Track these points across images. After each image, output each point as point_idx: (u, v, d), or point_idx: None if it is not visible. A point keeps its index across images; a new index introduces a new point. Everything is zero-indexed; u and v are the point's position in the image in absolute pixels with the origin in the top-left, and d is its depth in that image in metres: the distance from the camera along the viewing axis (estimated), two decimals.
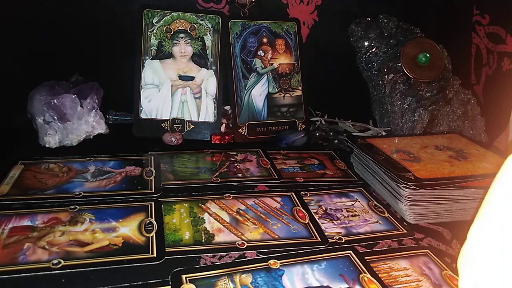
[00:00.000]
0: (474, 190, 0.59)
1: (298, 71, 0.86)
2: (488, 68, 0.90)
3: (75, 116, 0.71)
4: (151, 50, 0.79)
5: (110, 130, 0.76)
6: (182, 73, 0.80)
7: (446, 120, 0.83)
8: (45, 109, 0.69)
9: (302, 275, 0.44)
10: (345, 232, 0.53)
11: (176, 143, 0.74)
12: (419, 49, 0.85)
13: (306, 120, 0.85)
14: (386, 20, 0.89)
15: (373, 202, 0.61)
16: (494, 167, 0.62)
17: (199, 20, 0.81)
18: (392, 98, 0.85)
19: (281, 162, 0.70)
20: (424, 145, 0.70)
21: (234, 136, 0.79)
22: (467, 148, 0.70)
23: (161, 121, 0.78)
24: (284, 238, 0.50)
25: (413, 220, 0.57)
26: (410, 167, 0.61)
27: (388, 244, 0.52)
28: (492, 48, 0.89)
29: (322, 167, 0.70)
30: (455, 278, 0.46)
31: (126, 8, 0.81)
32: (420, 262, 0.48)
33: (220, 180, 0.63)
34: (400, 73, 0.85)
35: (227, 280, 0.42)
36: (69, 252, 0.45)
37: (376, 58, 0.89)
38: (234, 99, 0.80)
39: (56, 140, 0.69)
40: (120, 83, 0.78)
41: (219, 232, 0.50)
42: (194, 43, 0.80)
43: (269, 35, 0.85)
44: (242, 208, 0.56)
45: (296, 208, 0.57)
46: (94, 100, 0.73)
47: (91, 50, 0.82)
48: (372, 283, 0.43)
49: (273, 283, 0.42)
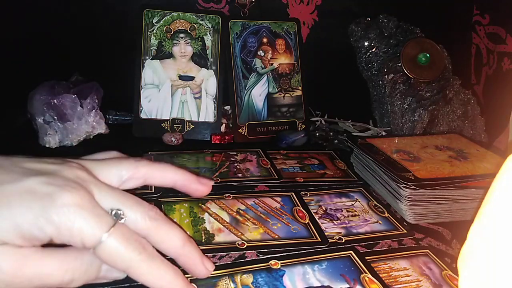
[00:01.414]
0: (474, 190, 0.59)
1: (298, 71, 0.86)
2: (488, 68, 0.90)
3: (75, 116, 0.71)
4: (151, 50, 0.79)
5: (110, 130, 0.76)
6: (182, 73, 0.80)
7: (446, 120, 0.83)
8: (45, 109, 0.69)
9: (303, 275, 0.44)
10: (345, 232, 0.53)
11: (176, 143, 0.74)
12: (419, 49, 0.85)
13: (306, 120, 0.85)
14: (386, 20, 0.89)
15: (373, 202, 0.61)
16: (494, 167, 0.62)
17: (199, 20, 0.81)
18: (392, 98, 0.85)
19: (281, 162, 0.70)
20: (424, 145, 0.70)
21: (234, 136, 0.79)
22: (467, 148, 0.70)
23: (161, 121, 0.78)
24: (284, 238, 0.50)
25: (413, 220, 0.57)
26: (410, 167, 0.61)
27: (388, 244, 0.52)
28: (492, 48, 0.89)
29: (322, 167, 0.70)
30: (455, 278, 0.46)
31: (126, 8, 0.81)
32: (420, 262, 0.48)
33: (220, 180, 0.63)
34: (400, 73, 0.85)
35: (228, 280, 0.42)
36: None
37: (376, 58, 0.89)
38: (234, 99, 0.80)
39: (56, 140, 0.69)
40: (120, 83, 0.78)
41: (219, 232, 0.50)
42: (194, 43, 0.80)
43: (269, 35, 0.85)
44: (242, 208, 0.56)
45: (296, 208, 0.57)
46: (94, 100, 0.73)
47: (91, 50, 0.82)
48: (373, 283, 0.43)
49: (274, 283, 0.42)
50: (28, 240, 0.27)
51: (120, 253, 0.29)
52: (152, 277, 0.30)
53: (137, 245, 0.30)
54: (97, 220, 0.28)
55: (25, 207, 0.27)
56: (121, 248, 0.29)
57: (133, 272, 0.30)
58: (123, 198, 0.31)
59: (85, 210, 0.28)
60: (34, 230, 0.27)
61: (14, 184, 0.28)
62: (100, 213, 0.29)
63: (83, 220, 0.28)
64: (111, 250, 0.28)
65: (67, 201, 0.27)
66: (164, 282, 0.30)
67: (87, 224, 0.28)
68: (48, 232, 0.27)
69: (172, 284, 0.31)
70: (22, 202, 0.27)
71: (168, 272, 0.31)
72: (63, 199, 0.27)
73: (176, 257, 0.34)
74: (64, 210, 0.27)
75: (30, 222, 0.26)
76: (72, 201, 0.28)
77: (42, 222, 0.27)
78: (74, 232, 0.27)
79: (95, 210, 0.29)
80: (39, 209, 0.27)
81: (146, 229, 0.31)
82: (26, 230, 0.27)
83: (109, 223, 0.29)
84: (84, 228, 0.27)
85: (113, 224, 0.29)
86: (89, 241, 0.28)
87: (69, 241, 0.28)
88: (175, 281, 0.31)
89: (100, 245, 0.28)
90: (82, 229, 0.27)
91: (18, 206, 0.27)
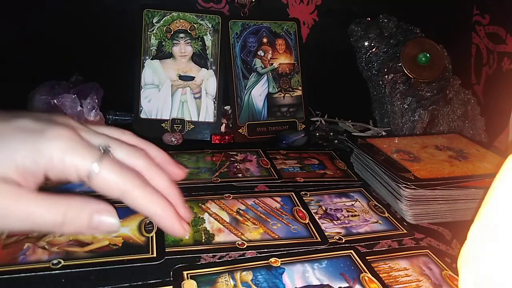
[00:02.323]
0: (474, 190, 0.59)
1: (298, 71, 0.86)
2: (488, 68, 0.90)
3: (75, 116, 0.71)
4: (151, 50, 0.79)
5: None
6: (182, 73, 0.80)
7: (446, 120, 0.83)
8: (45, 109, 0.69)
9: (303, 274, 0.44)
10: (345, 232, 0.53)
11: (176, 143, 0.74)
12: (419, 49, 0.85)
13: (306, 120, 0.85)
14: (386, 20, 0.89)
15: (373, 202, 0.61)
16: (494, 167, 0.62)
17: (199, 20, 0.81)
18: (392, 98, 0.85)
19: (281, 162, 0.70)
20: (424, 145, 0.70)
21: (234, 136, 0.79)
22: (467, 148, 0.70)
23: (161, 121, 0.78)
24: (284, 238, 0.50)
25: (413, 220, 0.57)
26: (410, 167, 0.61)
27: (388, 244, 0.52)
28: (492, 48, 0.89)
29: (322, 167, 0.70)
30: (455, 278, 0.46)
31: (126, 8, 0.81)
32: (420, 262, 0.48)
33: (220, 180, 0.63)
34: (400, 73, 0.85)
35: (228, 277, 0.42)
36: (69, 252, 0.45)
37: (376, 58, 0.89)
38: (234, 99, 0.80)
39: None
40: (120, 83, 0.78)
41: (219, 232, 0.50)
42: (194, 43, 0.80)
43: (269, 35, 0.85)
44: (242, 208, 0.56)
45: (296, 208, 0.57)
46: (94, 100, 0.73)
47: (91, 50, 0.82)
48: (373, 283, 0.43)
49: (273, 281, 0.42)
50: (24, 175, 0.28)
51: (114, 179, 0.30)
52: (146, 202, 0.31)
53: (130, 172, 0.31)
54: (88, 150, 0.29)
55: (18, 141, 0.28)
56: (114, 174, 0.30)
57: (127, 196, 0.30)
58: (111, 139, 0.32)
59: (76, 141, 0.29)
60: (28, 163, 0.28)
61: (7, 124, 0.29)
62: (90, 145, 0.30)
63: (74, 150, 0.29)
64: (105, 177, 0.29)
65: (58, 133, 0.29)
66: (157, 207, 0.31)
67: (78, 154, 0.29)
68: (41, 164, 0.28)
69: (165, 211, 0.32)
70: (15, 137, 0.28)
71: (161, 198, 0.32)
72: (53, 131, 0.29)
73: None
74: (54, 142, 0.28)
75: (23, 155, 0.28)
76: (62, 134, 0.29)
77: (35, 154, 0.28)
78: (66, 163, 0.28)
79: (83, 142, 0.30)
80: (31, 142, 0.28)
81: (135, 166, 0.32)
82: (21, 163, 0.28)
83: (98, 154, 0.30)
84: (76, 158, 0.29)
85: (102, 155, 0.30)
86: (82, 170, 0.29)
87: (63, 172, 0.29)
88: (168, 208, 0.32)
89: (95, 174, 0.29)
90: (74, 159, 0.29)
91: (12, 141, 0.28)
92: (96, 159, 0.29)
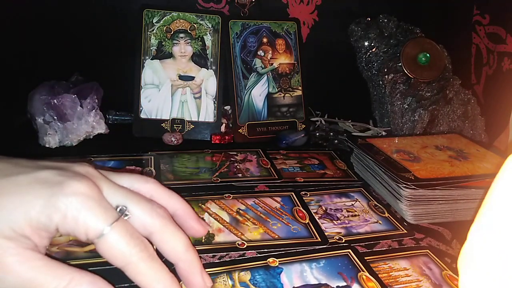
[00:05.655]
0: (474, 190, 0.59)
1: (298, 71, 0.86)
2: (488, 68, 0.90)
3: (75, 116, 0.71)
4: (151, 50, 0.79)
5: (110, 130, 0.76)
6: (182, 73, 0.80)
7: (446, 120, 0.83)
8: (45, 109, 0.69)
9: (301, 273, 0.44)
10: (345, 232, 0.53)
11: (176, 143, 0.74)
12: (419, 49, 0.85)
13: (306, 120, 0.85)
14: (386, 20, 0.89)
15: (373, 202, 0.61)
16: (494, 167, 0.62)
17: (199, 20, 0.81)
18: (392, 98, 0.85)
19: (281, 162, 0.70)
20: (424, 145, 0.70)
21: (234, 136, 0.79)
22: (467, 148, 0.70)
23: (161, 121, 0.78)
24: (284, 238, 0.50)
25: (413, 220, 0.57)
26: (410, 167, 0.61)
27: (388, 244, 0.52)
28: (492, 48, 0.89)
29: (322, 167, 0.70)
30: (455, 278, 0.46)
31: (126, 8, 0.81)
32: (420, 262, 0.48)
33: (220, 180, 0.63)
34: (400, 73, 0.85)
35: (226, 277, 0.42)
36: (69, 252, 0.45)
37: (376, 58, 0.89)
38: (234, 99, 0.80)
39: (56, 140, 0.69)
40: (120, 83, 0.78)
41: (219, 232, 0.50)
42: (194, 43, 0.80)
43: (269, 35, 0.85)
44: (242, 208, 0.56)
45: (296, 208, 0.57)
46: (94, 100, 0.73)
47: (91, 50, 0.82)
48: (370, 281, 0.43)
49: (271, 281, 0.42)
50: (36, 229, 0.27)
51: (121, 247, 0.29)
52: (149, 278, 0.30)
53: (139, 243, 0.29)
54: (103, 212, 0.28)
55: (35, 194, 0.27)
56: (122, 242, 0.28)
57: (131, 269, 0.29)
58: (130, 195, 0.31)
59: (92, 200, 0.28)
60: (42, 218, 0.27)
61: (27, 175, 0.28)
62: (106, 206, 0.29)
63: (89, 210, 0.28)
64: (112, 243, 0.28)
65: (76, 189, 0.28)
66: (160, 285, 0.30)
67: (92, 214, 0.28)
68: (55, 219, 0.27)
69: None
70: (32, 190, 0.27)
71: (166, 277, 0.30)
72: (72, 187, 0.28)
73: (176, 261, 0.33)
74: (72, 198, 0.28)
75: (38, 210, 0.27)
76: (81, 190, 0.28)
77: (50, 209, 0.27)
78: (79, 222, 0.28)
79: (102, 202, 0.29)
80: (48, 196, 0.27)
81: (152, 226, 0.31)
82: (35, 218, 0.27)
83: (114, 216, 0.29)
84: (89, 219, 0.28)
85: (117, 218, 0.29)
86: (92, 232, 0.28)
87: (73, 230, 0.28)
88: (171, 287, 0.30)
89: (102, 237, 0.28)
90: (86, 219, 0.28)
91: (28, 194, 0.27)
92: (109, 222, 0.28)
